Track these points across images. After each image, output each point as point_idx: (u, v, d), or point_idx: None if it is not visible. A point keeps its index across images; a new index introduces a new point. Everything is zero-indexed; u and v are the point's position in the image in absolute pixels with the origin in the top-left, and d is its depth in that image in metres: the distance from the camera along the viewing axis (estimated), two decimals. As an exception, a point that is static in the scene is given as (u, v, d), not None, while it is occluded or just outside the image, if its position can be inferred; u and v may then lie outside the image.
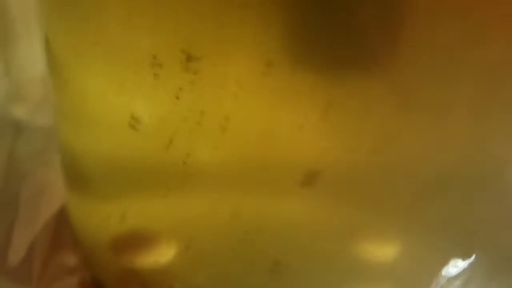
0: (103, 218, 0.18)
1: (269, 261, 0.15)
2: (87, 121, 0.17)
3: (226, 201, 0.15)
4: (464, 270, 0.16)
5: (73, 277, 0.19)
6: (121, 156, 0.16)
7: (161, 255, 0.17)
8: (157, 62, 0.14)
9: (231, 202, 0.15)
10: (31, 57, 0.26)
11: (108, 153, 0.17)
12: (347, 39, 0.12)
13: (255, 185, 0.15)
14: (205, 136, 0.14)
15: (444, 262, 0.15)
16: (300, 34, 0.12)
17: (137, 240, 0.17)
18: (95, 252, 0.19)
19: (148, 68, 0.14)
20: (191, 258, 0.17)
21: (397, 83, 0.13)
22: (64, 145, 0.19)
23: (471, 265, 0.16)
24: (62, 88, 0.17)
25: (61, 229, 0.21)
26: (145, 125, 0.15)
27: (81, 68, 0.16)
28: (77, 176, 0.19)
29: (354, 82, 0.13)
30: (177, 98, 0.14)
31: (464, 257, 0.15)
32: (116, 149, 0.16)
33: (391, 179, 0.14)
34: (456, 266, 0.15)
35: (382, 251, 0.16)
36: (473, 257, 0.16)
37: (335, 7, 0.12)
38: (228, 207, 0.15)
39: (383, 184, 0.14)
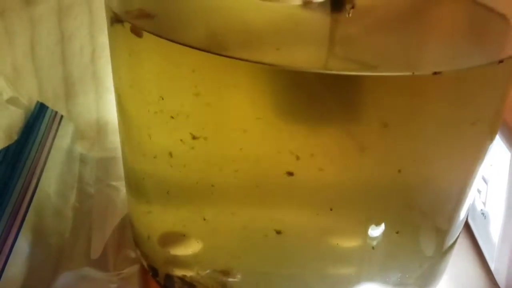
0: (154, 221, 0.23)
1: (273, 229, 0.20)
2: (142, 150, 0.22)
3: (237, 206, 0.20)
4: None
5: (135, 265, 0.25)
6: (164, 177, 0.21)
7: (193, 248, 0.22)
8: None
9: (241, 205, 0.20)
10: (87, 107, 0.32)
11: (156, 174, 0.21)
12: (316, 105, 0.17)
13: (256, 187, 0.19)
14: (221, 167, 0.19)
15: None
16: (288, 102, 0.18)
17: (177, 237, 0.22)
18: (149, 246, 0.24)
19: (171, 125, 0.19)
20: (214, 248, 0.22)
21: (351, 132, 0.18)
22: (127, 166, 0.24)
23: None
24: (126, 126, 0.23)
25: (124, 233, 0.26)
26: (176, 158, 0.20)
27: (138, 114, 0.21)
28: (136, 190, 0.23)
29: (322, 130, 0.18)
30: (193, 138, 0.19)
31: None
32: (161, 171, 0.21)
33: (347, 193, 0.19)
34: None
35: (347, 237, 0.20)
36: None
37: (308, 90, 0.17)
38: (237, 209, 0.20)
39: (341, 194, 0.19)
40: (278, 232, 0.20)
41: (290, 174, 0.18)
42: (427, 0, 0.20)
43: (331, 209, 0.19)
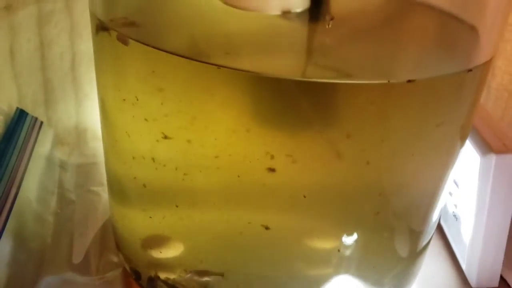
0: (137, 224, 0.23)
1: (260, 225, 0.20)
2: (123, 152, 0.22)
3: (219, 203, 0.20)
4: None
5: (118, 269, 0.25)
6: (148, 180, 0.21)
7: (177, 249, 0.22)
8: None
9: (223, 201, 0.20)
10: (66, 113, 0.32)
11: (139, 177, 0.21)
12: (294, 111, 0.18)
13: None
14: (200, 168, 0.19)
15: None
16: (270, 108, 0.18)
17: (160, 239, 0.22)
18: (132, 250, 0.24)
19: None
20: (197, 249, 0.22)
21: (328, 137, 0.19)
22: (109, 170, 0.24)
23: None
24: (108, 131, 0.23)
25: (106, 237, 0.26)
26: (159, 162, 0.20)
27: (121, 119, 0.21)
28: (119, 193, 0.24)
29: (300, 135, 0.19)
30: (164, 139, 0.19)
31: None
32: (144, 175, 0.21)
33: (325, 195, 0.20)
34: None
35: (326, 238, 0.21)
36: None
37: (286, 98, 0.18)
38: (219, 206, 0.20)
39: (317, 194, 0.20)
40: (267, 228, 0.20)
41: (272, 170, 0.19)
42: (401, 12, 0.21)
43: (304, 196, 0.19)
